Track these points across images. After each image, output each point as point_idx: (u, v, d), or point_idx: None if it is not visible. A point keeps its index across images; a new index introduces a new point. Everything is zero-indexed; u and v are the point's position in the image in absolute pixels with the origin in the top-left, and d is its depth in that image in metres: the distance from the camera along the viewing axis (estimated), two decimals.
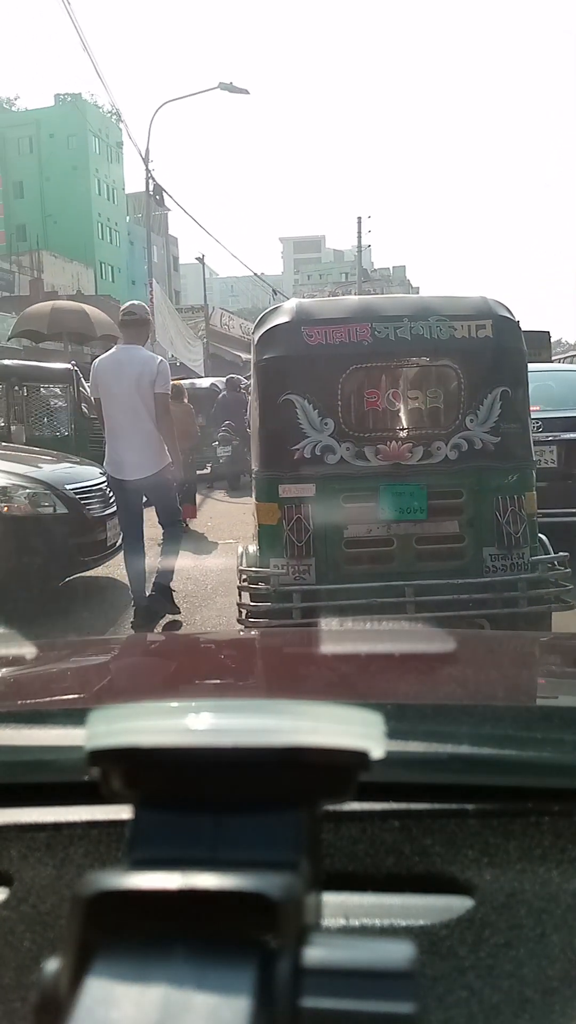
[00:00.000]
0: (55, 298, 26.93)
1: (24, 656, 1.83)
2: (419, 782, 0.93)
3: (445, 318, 4.93)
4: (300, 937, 0.45)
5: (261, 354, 4.98)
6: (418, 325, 4.90)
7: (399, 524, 4.92)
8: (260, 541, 4.99)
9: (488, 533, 4.94)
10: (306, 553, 4.84)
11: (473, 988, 0.77)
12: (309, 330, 4.89)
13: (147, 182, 23.83)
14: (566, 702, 1.33)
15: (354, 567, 4.91)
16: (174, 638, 3.59)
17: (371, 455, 4.92)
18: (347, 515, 4.91)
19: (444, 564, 4.92)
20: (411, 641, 2.07)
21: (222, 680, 1.66)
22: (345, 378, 4.88)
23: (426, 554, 4.95)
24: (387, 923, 0.81)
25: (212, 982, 0.41)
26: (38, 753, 1.03)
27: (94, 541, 7.69)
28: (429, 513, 4.93)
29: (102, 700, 1.44)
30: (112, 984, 0.41)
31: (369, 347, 4.88)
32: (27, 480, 7.38)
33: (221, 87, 23.38)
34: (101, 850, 0.92)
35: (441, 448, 4.93)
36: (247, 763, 0.51)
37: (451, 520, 4.98)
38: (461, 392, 4.92)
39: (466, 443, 4.93)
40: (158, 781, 0.53)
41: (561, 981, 0.77)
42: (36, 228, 62.36)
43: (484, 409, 4.91)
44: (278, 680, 1.69)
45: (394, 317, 4.95)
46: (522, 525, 4.93)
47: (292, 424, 4.87)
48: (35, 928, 0.86)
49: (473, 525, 4.95)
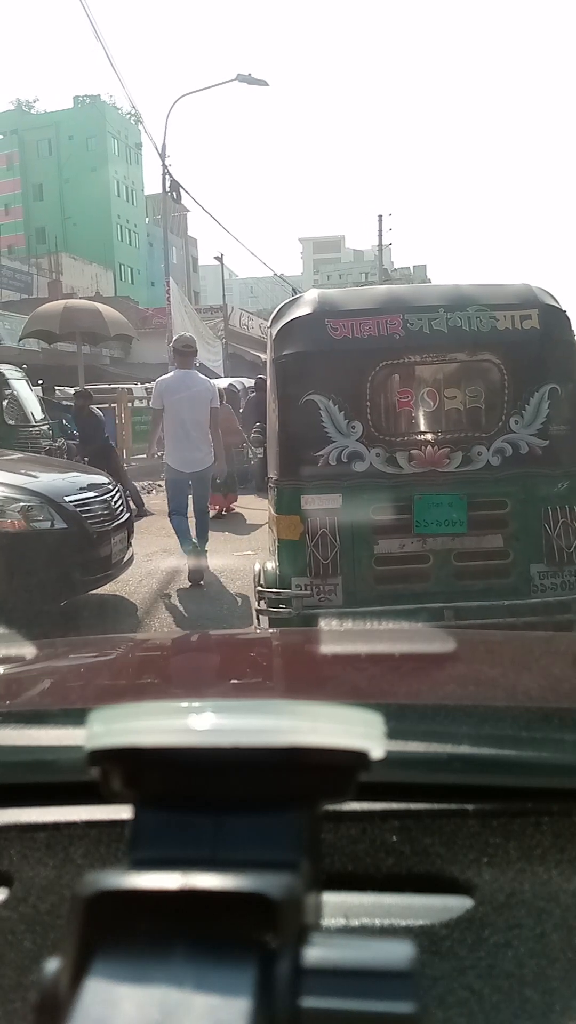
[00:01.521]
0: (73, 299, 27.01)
1: (24, 656, 1.84)
2: (419, 782, 0.93)
3: (486, 308, 4.52)
4: (300, 937, 0.45)
5: (280, 350, 4.57)
6: (455, 316, 4.50)
7: (436, 539, 4.52)
8: (280, 557, 4.58)
9: (536, 548, 4.52)
10: (332, 572, 4.45)
11: (473, 988, 0.77)
12: (334, 323, 4.48)
13: (163, 177, 23.69)
14: (566, 702, 1.32)
15: (385, 587, 4.51)
16: (174, 638, 3.57)
17: (404, 461, 4.53)
18: (377, 529, 4.52)
19: (487, 583, 4.52)
20: (411, 641, 2.07)
21: (222, 680, 1.67)
22: (374, 376, 4.49)
23: (466, 572, 4.54)
24: (387, 923, 0.82)
25: (212, 982, 0.41)
26: (38, 753, 1.03)
27: (97, 558, 7.03)
28: (469, 526, 4.52)
29: (102, 700, 1.44)
30: (112, 984, 0.41)
31: (401, 341, 4.48)
32: (21, 492, 6.75)
33: (239, 79, 23.17)
34: (101, 850, 0.92)
35: (482, 453, 4.53)
36: (247, 763, 0.51)
37: (494, 534, 4.56)
38: (505, 390, 4.51)
39: (510, 447, 4.52)
40: (158, 781, 0.53)
41: (561, 981, 0.77)
42: (55, 230, 62.83)
43: (531, 409, 4.50)
44: (278, 680, 1.69)
45: (428, 307, 4.54)
46: (575, 539, 4.49)
47: (316, 427, 4.48)
48: (35, 928, 0.86)
49: (519, 539, 4.54)
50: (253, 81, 23.34)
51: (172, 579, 8.43)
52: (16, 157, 68.62)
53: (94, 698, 1.49)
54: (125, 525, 7.49)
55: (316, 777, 0.52)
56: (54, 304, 17.69)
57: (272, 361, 4.68)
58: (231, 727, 0.52)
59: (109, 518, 7.15)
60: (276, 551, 4.64)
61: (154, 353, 28.28)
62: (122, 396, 21.23)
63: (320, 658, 1.84)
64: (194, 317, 28.26)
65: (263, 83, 23.58)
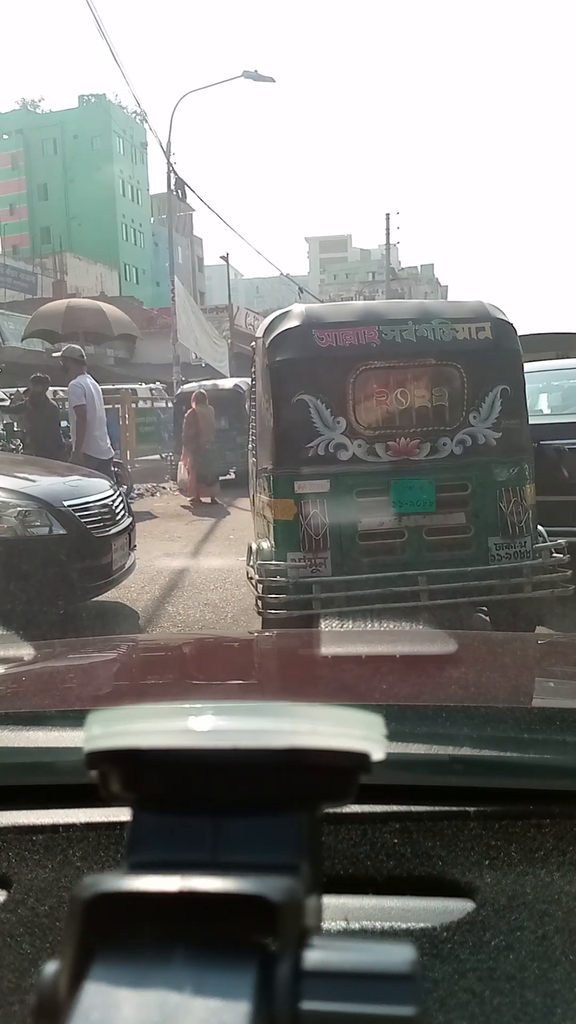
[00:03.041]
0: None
1: (23, 657, 1.85)
2: (420, 784, 0.94)
3: (447, 321, 5.24)
4: (300, 940, 0.44)
5: (273, 356, 5.24)
6: (422, 327, 5.21)
7: (409, 517, 5.19)
8: (275, 536, 5.24)
9: (492, 523, 5.24)
10: (322, 546, 5.10)
11: (474, 990, 0.77)
12: (320, 333, 5.16)
13: (168, 174, 23.59)
14: (567, 704, 1.32)
15: (368, 558, 5.16)
16: (174, 639, 3.62)
17: (381, 451, 5.20)
18: (361, 509, 5.17)
19: (452, 554, 5.20)
20: (411, 643, 2.10)
21: (222, 682, 1.66)
22: (355, 378, 5.16)
23: (435, 545, 5.22)
24: (388, 926, 0.82)
25: (212, 985, 0.40)
26: (37, 755, 1.04)
27: (98, 565, 6.64)
28: (437, 506, 5.21)
29: (101, 702, 1.44)
30: (111, 987, 0.41)
31: (377, 348, 5.17)
32: (17, 496, 6.36)
33: (245, 75, 23.23)
34: (100, 852, 0.92)
35: (447, 444, 5.23)
36: (247, 765, 0.51)
37: (458, 512, 5.27)
38: (464, 390, 5.22)
39: (470, 439, 5.23)
40: (157, 783, 0.52)
41: (562, 983, 0.78)
42: (60, 230, 62.33)
43: (486, 407, 5.22)
44: (278, 682, 1.70)
45: (399, 320, 5.25)
46: (524, 515, 5.23)
47: (306, 423, 5.13)
48: (33, 931, 0.86)
49: (479, 516, 5.25)
50: (259, 78, 23.35)
51: (176, 586, 8.36)
52: (21, 157, 68.09)
53: (93, 700, 1.47)
54: (127, 530, 7.14)
55: (316, 779, 0.52)
56: (57, 303, 17.49)
57: (266, 366, 5.33)
58: (231, 729, 0.51)
59: (110, 523, 6.82)
60: (272, 530, 5.30)
61: (159, 353, 28.09)
62: (126, 397, 20.88)
63: (320, 660, 1.83)
64: (199, 317, 27.73)
65: (269, 80, 23.50)
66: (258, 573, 5.29)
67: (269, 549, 5.33)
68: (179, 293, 23.67)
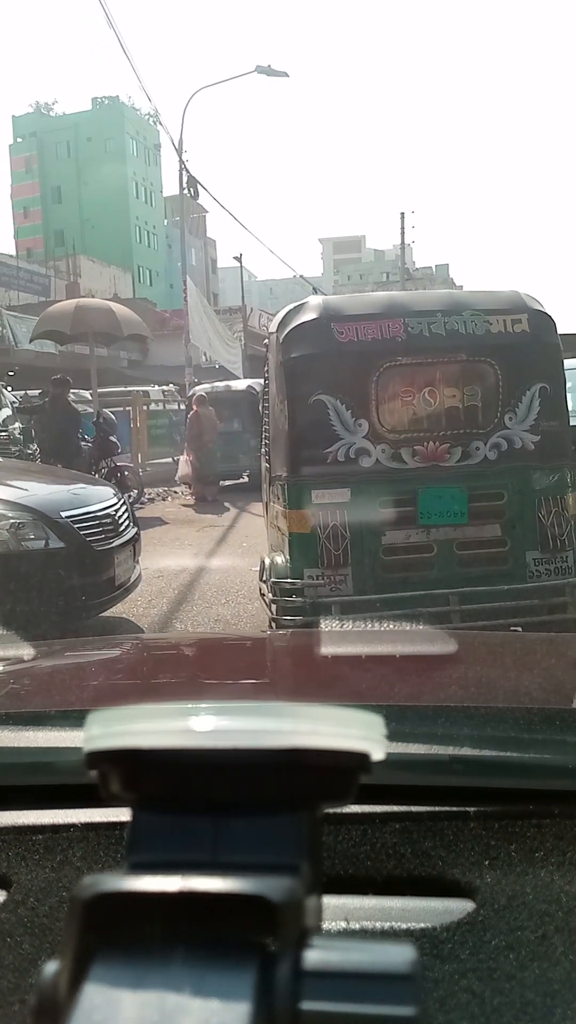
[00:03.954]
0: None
1: (23, 657, 1.84)
2: (420, 784, 0.94)
3: (480, 312, 4.78)
4: (300, 940, 0.44)
5: (288, 353, 4.80)
6: (452, 320, 4.75)
7: (439, 529, 4.75)
8: (291, 550, 4.80)
9: (531, 536, 4.77)
10: (342, 562, 4.67)
11: (475, 991, 0.77)
12: (339, 326, 4.73)
13: (180, 172, 23.57)
14: (567, 704, 1.32)
15: (393, 575, 4.74)
16: (173, 640, 3.55)
17: (408, 457, 4.76)
18: (385, 521, 4.73)
19: (486, 570, 4.76)
20: (411, 643, 2.09)
21: (222, 681, 1.66)
22: (379, 376, 4.72)
23: (467, 560, 4.78)
24: (388, 926, 0.82)
25: (212, 985, 0.41)
26: (36, 755, 1.04)
27: (99, 581, 6.20)
28: (469, 517, 4.76)
29: (100, 701, 1.44)
30: (111, 988, 0.41)
31: (403, 343, 4.72)
32: (10, 507, 5.91)
33: (258, 70, 23.11)
34: (100, 853, 0.93)
35: (480, 448, 4.77)
36: (247, 765, 0.51)
37: (492, 524, 4.81)
38: (499, 389, 4.76)
39: (506, 442, 4.77)
40: (157, 783, 0.52)
41: (563, 984, 0.78)
42: (74, 233, 62.63)
43: (523, 407, 4.76)
44: (278, 681, 1.70)
45: (427, 312, 4.79)
46: (566, 527, 4.77)
47: (324, 426, 4.70)
48: (33, 931, 0.87)
49: (515, 528, 4.79)
50: (272, 72, 23.23)
51: (185, 599, 8.02)
52: (35, 160, 68.74)
53: (93, 700, 1.48)
54: (131, 542, 6.70)
55: (316, 779, 0.52)
56: (65, 303, 16.94)
57: (280, 364, 4.88)
58: (231, 729, 0.51)
59: (113, 534, 6.37)
60: (287, 544, 4.85)
61: (172, 355, 28.08)
62: (137, 399, 20.62)
63: (320, 660, 1.84)
64: (212, 317, 28.04)
65: (283, 74, 23.43)
66: (271, 591, 4.85)
67: (284, 565, 4.87)
68: (191, 293, 23.77)
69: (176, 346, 25.81)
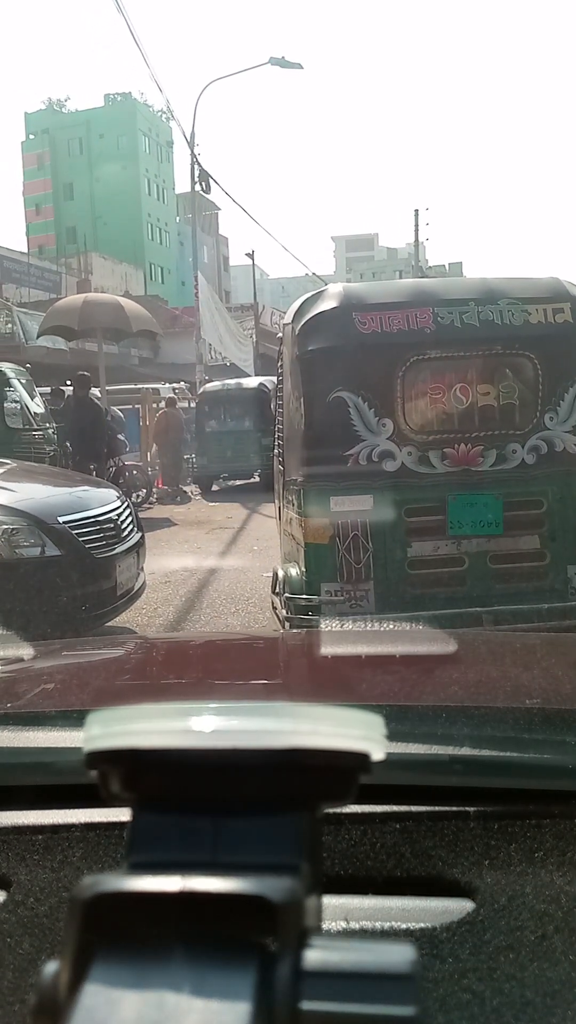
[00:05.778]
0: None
1: (23, 657, 1.84)
2: (420, 784, 0.93)
3: (517, 301, 4.45)
4: (300, 940, 0.45)
5: (304, 345, 4.45)
6: (487, 309, 4.41)
7: (471, 540, 4.44)
8: (307, 562, 4.46)
9: (573, 549, 4.45)
10: (364, 576, 4.35)
11: (475, 991, 0.78)
12: (362, 316, 4.38)
13: (192, 166, 23.49)
14: (567, 704, 1.31)
15: (420, 591, 4.43)
16: (173, 640, 3.56)
17: (436, 460, 4.43)
18: (410, 531, 4.43)
19: (524, 586, 4.45)
20: (411, 642, 2.09)
21: (221, 682, 1.66)
22: (405, 371, 4.38)
23: (503, 575, 4.47)
24: (388, 926, 0.82)
25: (212, 985, 0.41)
26: (36, 755, 1.03)
27: (100, 590, 5.85)
28: (505, 527, 4.45)
29: (100, 701, 1.44)
30: (111, 988, 0.41)
31: (432, 335, 4.38)
32: (3, 512, 5.56)
33: (272, 62, 23.02)
34: (99, 853, 0.92)
35: (517, 451, 4.45)
36: (247, 765, 0.51)
37: (531, 535, 4.49)
38: (539, 386, 4.43)
39: (546, 445, 4.44)
40: (157, 783, 0.52)
41: (563, 984, 0.78)
42: (86, 229, 62.78)
43: (566, 405, 4.42)
44: (278, 682, 1.69)
45: (459, 300, 4.45)
46: None
47: (344, 426, 4.37)
48: (33, 931, 0.87)
49: (556, 540, 4.46)
50: (287, 64, 23.21)
51: (192, 607, 7.71)
52: (47, 156, 69.04)
53: (93, 700, 1.49)
54: (135, 548, 6.33)
55: (316, 779, 0.52)
56: (73, 298, 16.78)
57: (295, 357, 4.56)
58: (231, 729, 0.51)
59: (114, 541, 6.02)
60: (302, 555, 4.52)
61: (184, 353, 28.10)
62: (147, 396, 20.44)
63: (320, 660, 1.84)
64: (224, 314, 28.15)
65: (297, 66, 23.40)
66: (285, 607, 4.52)
67: (299, 578, 4.52)
68: (203, 289, 23.99)
69: (187, 344, 25.86)
